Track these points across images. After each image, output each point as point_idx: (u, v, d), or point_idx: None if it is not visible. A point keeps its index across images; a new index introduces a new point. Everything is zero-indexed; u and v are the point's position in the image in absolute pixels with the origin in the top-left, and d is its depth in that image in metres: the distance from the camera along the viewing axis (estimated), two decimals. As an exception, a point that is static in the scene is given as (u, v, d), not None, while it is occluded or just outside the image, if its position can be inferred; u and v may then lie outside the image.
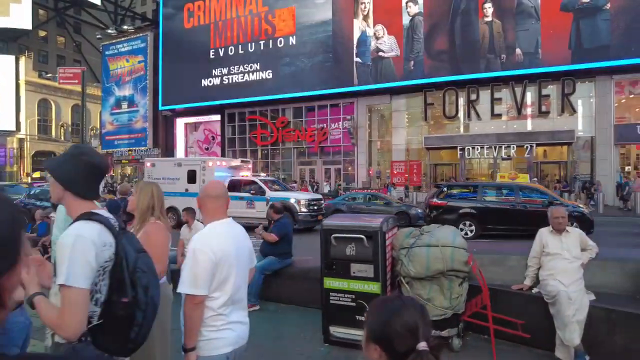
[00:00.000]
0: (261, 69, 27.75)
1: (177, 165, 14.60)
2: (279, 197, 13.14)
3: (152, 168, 15.14)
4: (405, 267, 3.72)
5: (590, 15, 19.91)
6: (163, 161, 17.61)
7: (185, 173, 14.11)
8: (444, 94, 22.74)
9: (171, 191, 14.10)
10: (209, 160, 14.38)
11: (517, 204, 11.02)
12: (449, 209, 11.48)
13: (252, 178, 14.55)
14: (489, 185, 12.97)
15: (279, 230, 5.34)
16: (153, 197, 2.59)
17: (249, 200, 13.41)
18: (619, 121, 20.40)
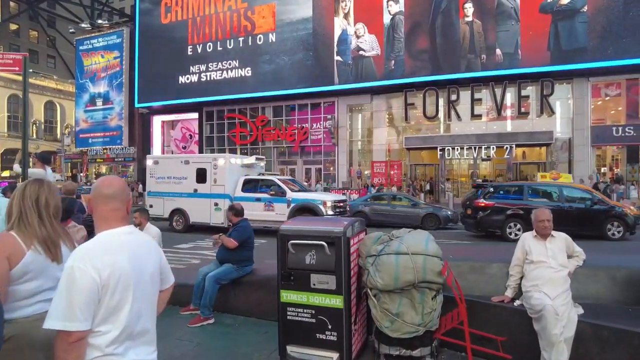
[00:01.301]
0: (240, 66, 27.11)
1: (184, 163, 13.31)
2: (302, 198, 12.22)
3: (155, 166, 13.86)
4: (372, 278, 3.26)
5: (568, 17, 19.97)
6: (167, 158, 15.92)
7: (194, 172, 12.98)
8: (424, 94, 22.53)
9: (177, 192, 13.17)
10: (220, 158, 13.18)
11: (563, 204, 10.91)
12: (496, 210, 11.25)
13: (270, 177, 13.41)
14: (534, 186, 12.77)
15: (239, 235, 4.82)
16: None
17: (267, 202, 12.29)
18: (595, 123, 20.53)
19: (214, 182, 12.68)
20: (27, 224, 1.92)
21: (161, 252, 1.88)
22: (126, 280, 1.59)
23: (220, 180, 12.65)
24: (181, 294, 5.17)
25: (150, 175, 13.87)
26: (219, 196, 12.60)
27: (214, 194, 12.66)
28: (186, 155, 16.42)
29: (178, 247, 10.49)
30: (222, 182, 12.62)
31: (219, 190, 12.63)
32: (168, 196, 13.38)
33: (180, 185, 13.13)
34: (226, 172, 12.66)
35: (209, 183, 12.75)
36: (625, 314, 3.40)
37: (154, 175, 13.72)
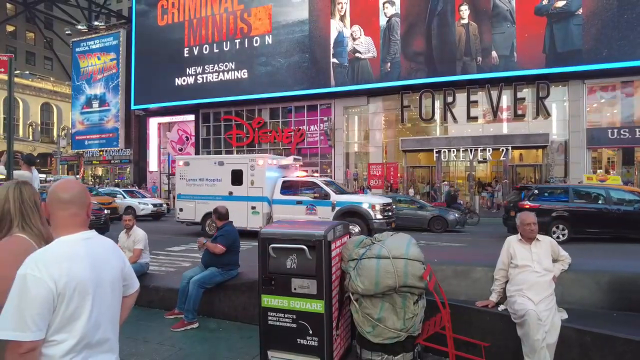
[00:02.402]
0: (236, 68, 27.08)
1: (218, 164, 12.59)
2: (348, 201, 11.52)
3: (185, 168, 13.04)
4: (353, 282, 3.21)
5: (563, 20, 20.00)
6: (200, 159, 14.86)
7: (229, 173, 12.31)
8: (421, 96, 22.51)
9: (210, 194, 12.42)
10: (259, 158, 12.29)
11: (610, 207, 10.90)
12: (542, 212, 11.13)
13: (310, 179, 12.64)
14: (579, 188, 12.74)
15: (225, 240, 4.77)
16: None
17: (309, 205, 11.58)
18: (590, 125, 20.54)
19: (251, 184, 12.02)
20: (32, 225, 1.85)
21: (124, 257, 1.82)
22: (84, 288, 1.53)
23: (258, 182, 11.98)
24: (167, 298, 5.14)
25: (180, 177, 13.15)
26: (256, 199, 11.96)
27: (251, 196, 12.00)
28: (221, 155, 15.60)
29: (169, 249, 10.42)
30: (260, 184, 11.95)
31: (256, 192, 11.98)
32: (200, 199, 12.70)
33: (214, 187, 12.48)
34: (264, 174, 11.93)
35: (245, 185, 12.08)
36: (609, 318, 3.36)
37: (184, 177, 13.01)
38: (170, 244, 11.09)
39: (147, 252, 5.73)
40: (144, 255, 5.60)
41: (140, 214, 18.25)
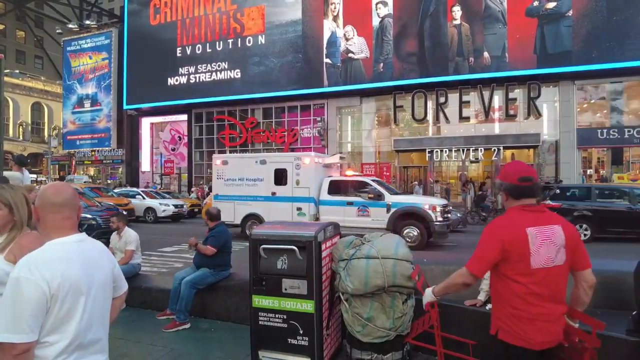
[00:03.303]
0: (229, 68, 27.05)
1: (260, 163, 11.93)
2: (405, 202, 10.82)
3: (224, 167, 12.35)
4: (343, 282, 3.26)
5: (554, 21, 20.21)
6: (239, 158, 14.04)
7: (272, 173, 11.66)
8: (413, 96, 22.62)
9: (251, 195, 11.84)
10: (305, 157, 11.63)
11: (635, 206, 10.92)
12: (563, 211, 11.13)
13: (361, 178, 12.02)
14: (602, 188, 12.81)
15: (216, 241, 4.78)
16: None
17: (361, 207, 10.84)
18: (581, 125, 20.77)
19: (297, 184, 11.35)
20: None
21: (114, 259, 1.85)
22: (77, 290, 1.56)
23: (304, 182, 11.32)
24: (159, 298, 5.15)
25: (217, 177, 12.49)
26: (302, 200, 11.32)
27: (296, 197, 11.37)
28: (263, 154, 14.33)
29: (162, 250, 10.40)
30: (307, 183, 11.30)
31: (302, 193, 11.32)
32: (240, 200, 12.10)
33: (255, 187, 11.84)
34: (311, 173, 11.27)
35: (290, 185, 11.41)
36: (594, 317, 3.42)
37: (222, 176, 12.34)
38: (163, 245, 11.07)
39: (139, 253, 5.73)
40: (136, 256, 5.60)
41: (161, 215, 17.49)
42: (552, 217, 2.21)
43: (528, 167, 2.40)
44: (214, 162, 12.75)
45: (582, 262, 2.18)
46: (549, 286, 2.12)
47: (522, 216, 2.18)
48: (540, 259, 2.10)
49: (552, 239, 2.13)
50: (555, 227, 2.15)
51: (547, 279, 2.11)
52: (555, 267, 2.12)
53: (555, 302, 2.16)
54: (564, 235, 2.14)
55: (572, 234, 2.17)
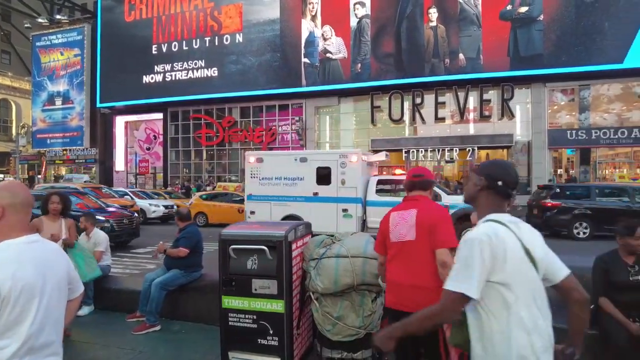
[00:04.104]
0: (206, 66, 26.73)
1: (300, 161, 11.11)
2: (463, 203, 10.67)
3: (259, 164, 11.47)
4: (313, 282, 3.27)
5: (526, 25, 20.75)
6: (276, 155, 12.93)
7: (314, 171, 10.89)
8: (390, 97, 22.87)
9: (290, 195, 11.07)
10: (351, 154, 10.76)
11: (633, 204, 11.09)
12: (564, 210, 11.44)
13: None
14: (601, 186, 12.99)
15: (188, 242, 4.71)
16: None
17: None
18: (551, 126, 21.41)
19: (342, 183, 10.68)
20: None
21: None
22: (29, 292, 1.52)
23: (350, 182, 10.65)
24: (129, 300, 5.04)
25: (251, 176, 11.62)
26: (348, 200, 10.63)
27: (341, 197, 10.67)
28: (303, 151, 13.53)
29: (135, 251, 10.19)
30: (354, 183, 10.62)
31: (348, 193, 10.63)
32: (277, 201, 11.27)
33: (295, 187, 11.06)
34: (359, 172, 10.62)
35: (334, 185, 10.69)
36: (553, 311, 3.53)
37: (256, 175, 11.49)
38: (135, 246, 10.83)
39: (109, 254, 5.60)
40: (105, 258, 5.47)
41: (150, 216, 16.89)
42: (417, 204, 2.65)
43: (420, 167, 2.95)
44: (247, 160, 11.75)
45: (435, 243, 2.49)
46: (403, 257, 2.59)
47: (400, 204, 2.75)
48: (395, 235, 2.62)
49: (406, 220, 2.60)
50: (412, 211, 2.62)
51: (403, 252, 2.59)
52: (407, 241, 2.57)
53: (404, 274, 2.56)
54: (416, 218, 2.58)
55: (425, 217, 2.56)
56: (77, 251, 4.61)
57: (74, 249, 4.59)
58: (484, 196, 1.76)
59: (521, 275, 1.58)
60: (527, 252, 1.60)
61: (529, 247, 1.61)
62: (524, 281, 1.58)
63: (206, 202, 16.58)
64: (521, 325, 1.55)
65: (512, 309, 1.56)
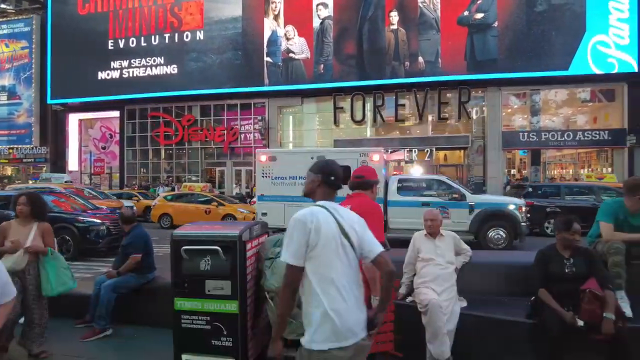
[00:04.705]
0: (166, 63, 26.00)
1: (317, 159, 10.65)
2: (490, 202, 10.11)
3: (271, 163, 10.85)
4: (268, 281, 3.26)
5: (482, 30, 21.58)
6: (291, 153, 12.30)
7: None
8: (352, 98, 23.15)
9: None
10: (373, 153, 10.35)
11: (597, 202, 11.51)
12: (535, 208, 11.87)
13: (435, 177, 11.42)
14: (570, 186, 13.77)
15: (136, 248, 4.52)
16: None
17: (440, 207, 9.78)
18: (505, 129, 22.39)
19: None
20: None
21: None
22: None
23: None
24: (79, 305, 4.83)
25: (262, 175, 11.05)
26: None
27: None
28: (320, 149, 12.96)
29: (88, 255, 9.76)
30: None
31: None
32: (292, 201, 10.63)
33: None
34: (381, 171, 10.22)
35: None
36: (502, 304, 3.72)
37: (268, 174, 10.94)
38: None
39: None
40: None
41: None
42: (352, 201, 2.81)
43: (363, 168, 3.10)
44: (258, 158, 11.12)
45: None
46: None
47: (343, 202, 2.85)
48: None
49: None
50: (347, 207, 2.62)
51: None
52: None
53: None
54: None
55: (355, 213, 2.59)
56: (51, 260, 3.94)
57: (47, 257, 3.93)
58: (320, 191, 2.24)
59: (336, 244, 2.00)
60: (342, 230, 2.03)
61: (344, 226, 2.04)
62: (338, 248, 2.00)
63: (171, 203, 16.03)
64: (332, 284, 1.95)
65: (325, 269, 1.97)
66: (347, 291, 1.97)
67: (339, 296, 1.94)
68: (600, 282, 3.16)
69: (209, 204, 15.27)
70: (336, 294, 1.93)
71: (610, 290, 3.11)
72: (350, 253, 2.04)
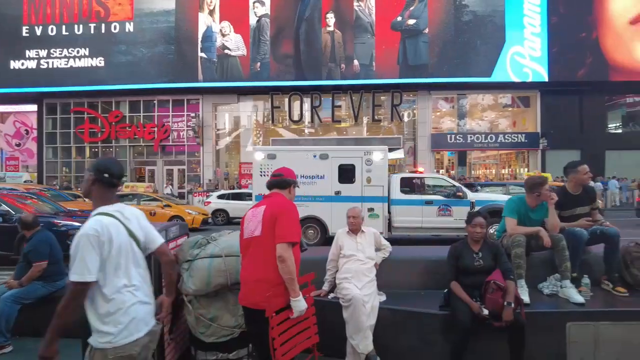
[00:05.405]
0: (91, 55, 24.30)
1: (320, 158, 10.32)
2: (491, 200, 10.13)
3: (271, 162, 10.28)
4: (185, 284, 3.16)
5: (414, 36, 22.58)
6: (292, 151, 11.89)
7: (335, 169, 10.25)
8: (290, 98, 23.18)
9: (308, 194, 10.16)
10: (377, 151, 10.31)
11: None
12: None
13: (436, 175, 11.40)
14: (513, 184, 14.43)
15: (38, 255, 4.12)
16: None
17: (442, 206, 10.15)
18: (434, 131, 23.62)
19: (367, 181, 10.21)
20: None
21: None
22: None
23: (376, 180, 10.25)
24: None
25: (261, 174, 10.51)
26: (375, 200, 10.22)
27: (367, 196, 10.21)
28: (323, 147, 12.65)
29: None
30: (380, 182, 10.24)
31: (374, 192, 10.21)
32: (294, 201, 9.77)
33: (314, 186, 10.31)
34: (384, 170, 10.31)
35: (358, 183, 10.20)
36: (418, 297, 3.91)
37: (267, 173, 10.39)
38: None
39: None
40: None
41: None
42: (268, 201, 2.79)
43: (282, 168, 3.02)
44: (256, 156, 10.67)
45: (275, 237, 2.60)
46: (251, 253, 2.70)
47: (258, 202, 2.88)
48: (247, 232, 2.75)
49: (256, 217, 2.73)
50: (262, 207, 2.75)
51: (251, 247, 2.71)
52: (254, 237, 2.69)
53: (251, 269, 2.68)
54: (263, 213, 2.70)
55: (270, 212, 2.68)
56: None
57: None
58: (96, 189, 2.15)
59: (127, 250, 2.10)
60: (131, 234, 2.13)
61: (131, 229, 2.14)
62: (129, 253, 2.12)
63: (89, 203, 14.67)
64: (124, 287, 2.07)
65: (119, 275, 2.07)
66: (138, 289, 2.13)
67: (132, 296, 2.09)
68: (503, 274, 3.42)
69: (154, 205, 14.33)
70: (129, 295, 2.08)
71: (511, 281, 3.38)
72: (139, 252, 2.19)
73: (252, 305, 2.64)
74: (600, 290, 3.96)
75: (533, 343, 3.34)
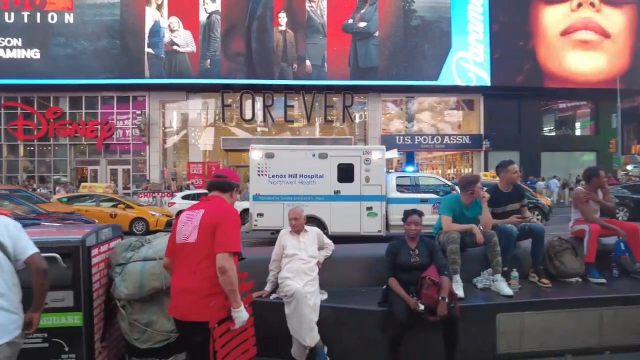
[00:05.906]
0: (25, 46, 22.68)
1: (319, 157, 10.17)
2: None
3: (268, 161, 10.12)
4: (118, 288, 3.03)
5: (365, 39, 23.02)
6: (290, 150, 11.46)
7: (334, 168, 10.07)
8: (241, 96, 22.87)
9: (307, 194, 10.04)
10: (375, 151, 10.27)
11: None
12: None
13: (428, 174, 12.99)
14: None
15: None
16: None
17: (437, 204, 10.09)
18: (384, 132, 24.21)
19: (366, 181, 10.13)
20: None
21: None
22: None
23: (375, 179, 10.17)
24: None
25: (258, 174, 10.29)
26: (374, 199, 10.18)
27: (366, 196, 10.16)
28: (321, 146, 12.31)
29: None
30: (379, 181, 10.17)
31: (373, 191, 10.15)
32: (292, 200, 10.05)
33: (313, 185, 10.16)
34: (383, 169, 10.27)
35: (357, 182, 10.12)
36: (359, 294, 3.98)
37: (265, 172, 10.25)
38: None
39: None
40: None
41: None
42: (206, 205, 2.58)
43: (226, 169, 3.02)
44: (252, 156, 10.40)
45: (215, 246, 2.42)
46: (182, 260, 2.50)
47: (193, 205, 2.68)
48: (180, 236, 2.54)
49: (191, 221, 2.53)
50: (200, 211, 2.54)
51: (183, 254, 2.51)
52: (188, 243, 2.49)
53: (183, 277, 2.48)
54: (201, 218, 2.50)
55: (209, 218, 2.48)
56: None
57: None
58: None
59: None
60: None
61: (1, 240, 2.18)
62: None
63: (68, 205, 13.60)
64: None
65: None
66: (2, 296, 2.16)
67: None
68: (438, 269, 3.57)
69: (114, 206, 13.48)
70: None
71: (445, 276, 3.53)
72: (6, 262, 2.21)
73: (182, 317, 2.47)
74: (528, 283, 4.24)
75: (467, 335, 3.51)
